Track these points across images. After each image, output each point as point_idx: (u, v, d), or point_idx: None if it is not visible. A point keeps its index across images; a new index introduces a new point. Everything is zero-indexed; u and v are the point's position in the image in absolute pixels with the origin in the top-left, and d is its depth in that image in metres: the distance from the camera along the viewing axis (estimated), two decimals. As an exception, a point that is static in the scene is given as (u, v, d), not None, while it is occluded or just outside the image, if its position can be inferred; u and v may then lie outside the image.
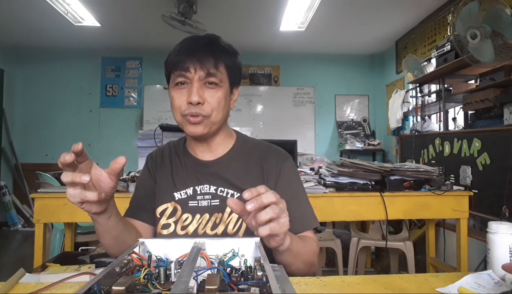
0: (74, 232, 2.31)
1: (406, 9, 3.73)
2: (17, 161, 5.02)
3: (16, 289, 0.67)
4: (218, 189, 0.90)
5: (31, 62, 5.16)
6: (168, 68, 0.88)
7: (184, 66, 0.83)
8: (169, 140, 2.09)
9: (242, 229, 0.87)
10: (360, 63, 5.41)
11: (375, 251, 3.22)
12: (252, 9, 3.77)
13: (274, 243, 0.67)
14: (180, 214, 0.90)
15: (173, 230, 0.89)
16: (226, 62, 0.86)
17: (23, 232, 4.67)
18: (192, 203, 0.90)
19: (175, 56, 0.85)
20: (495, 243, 0.75)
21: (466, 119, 2.96)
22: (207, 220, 0.89)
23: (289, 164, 0.94)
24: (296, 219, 0.86)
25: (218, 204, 0.89)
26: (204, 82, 0.84)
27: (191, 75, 0.83)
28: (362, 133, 5.25)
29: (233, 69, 0.89)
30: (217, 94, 0.85)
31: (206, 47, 0.85)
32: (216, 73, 0.84)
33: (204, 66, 0.82)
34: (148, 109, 5.17)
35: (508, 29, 2.18)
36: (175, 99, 0.86)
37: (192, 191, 0.91)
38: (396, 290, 0.67)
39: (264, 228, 0.62)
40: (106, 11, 3.83)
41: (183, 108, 0.84)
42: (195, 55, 0.83)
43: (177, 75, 0.84)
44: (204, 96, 0.83)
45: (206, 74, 0.83)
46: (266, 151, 0.96)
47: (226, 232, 0.87)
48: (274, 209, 0.62)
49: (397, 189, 1.87)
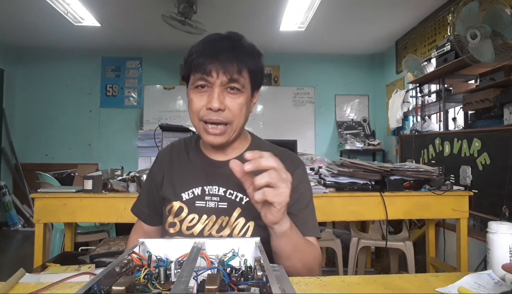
0: (74, 232, 2.31)
1: (406, 9, 3.73)
2: (17, 161, 5.02)
3: (16, 289, 0.67)
4: (227, 192, 0.88)
5: (31, 62, 5.16)
6: (188, 68, 0.83)
7: (207, 70, 0.78)
8: (169, 140, 2.10)
9: (248, 234, 0.85)
10: (360, 63, 5.41)
11: (375, 251, 3.22)
12: (252, 9, 3.77)
13: (270, 216, 0.65)
14: (186, 215, 0.89)
15: (179, 229, 0.88)
16: (249, 66, 0.82)
17: (23, 232, 4.67)
18: (199, 203, 0.89)
19: (197, 57, 0.79)
20: (495, 243, 0.75)
21: (466, 119, 2.96)
22: (213, 222, 0.87)
23: (301, 171, 0.92)
24: (299, 222, 0.84)
25: (226, 207, 0.87)
26: (225, 87, 0.80)
27: (213, 80, 0.79)
28: (362, 133, 5.25)
29: (256, 72, 0.85)
30: (238, 100, 0.81)
31: (230, 50, 0.80)
32: (239, 78, 0.80)
33: (227, 71, 0.78)
34: (148, 109, 5.17)
35: (508, 29, 2.18)
36: (194, 103, 0.82)
37: (200, 191, 0.89)
38: (396, 290, 0.67)
39: (258, 193, 0.60)
40: (106, 11, 3.83)
41: (202, 113, 0.81)
42: (218, 59, 0.78)
43: (198, 78, 0.80)
44: (225, 102, 0.80)
45: (228, 80, 0.79)
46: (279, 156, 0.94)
47: (232, 236, 0.85)
48: (271, 174, 0.60)
49: (397, 189, 1.87)
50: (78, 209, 1.75)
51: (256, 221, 0.85)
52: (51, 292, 0.64)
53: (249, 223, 0.85)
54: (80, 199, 1.75)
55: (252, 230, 0.85)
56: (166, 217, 0.91)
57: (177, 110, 5.19)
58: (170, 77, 5.22)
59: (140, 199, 1.02)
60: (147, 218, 0.99)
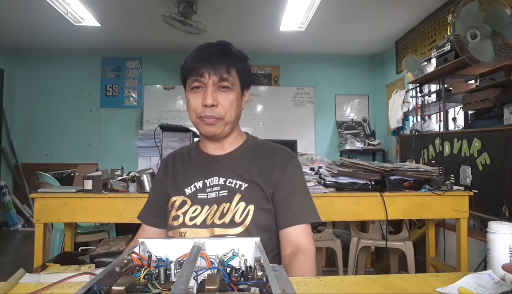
0: (74, 232, 2.31)
1: (406, 9, 3.73)
2: (17, 161, 5.02)
3: (16, 289, 0.67)
4: (227, 181, 0.95)
5: (31, 62, 5.16)
6: (184, 73, 0.96)
7: (199, 72, 0.91)
8: (169, 140, 2.10)
9: (248, 218, 0.90)
10: (360, 63, 5.41)
11: (375, 251, 3.22)
12: (252, 9, 3.77)
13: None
14: (189, 207, 0.94)
15: (182, 221, 0.93)
16: (237, 67, 0.94)
17: (23, 232, 4.67)
18: (201, 195, 0.95)
19: (191, 63, 0.92)
20: (495, 243, 0.75)
21: (466, 119, 2.95)
22: (215, 211, 0.92)
23: (295, 161, 1.00)
24: (297, 211, 0.92)
25: (226, 194, 0.93)
26: (217, 86, 0.92)
27: (206, 80, 0.91)
28: (362, 133, 5.25)
29: (243, 73, 0.97)
30: (229, 97, 0.93)
31: (219, 54, 0.92)
32: (228, 77, 0.92)
33: (217, 72, 0.90)
34: (148, 109, 5.17)
35: (508, 29, 2.18)
36: (191, 102, 0.94)
37: (201, 184, 0.96)
38: (396, 290, 0.67)
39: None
40: (106, 11, 3.83)
41: (199, 110, 0.92)
42: (209, 62, 0.90)
43: (193, 80, 0.92)
44: (217, 99, 0.91)
45: (219, 79, 0.91)
46: (274, 149, 1.02)
47: (234, 220, 0.90)
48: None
49: (397, 189, 1.87)
50: (78, 209, 1.75)
51: (256, 204, 0.92)
52: (51, 292, 0.64)
53: (249, 206, 0.91)
54: (80, 199, 1.75)
55: (252, 213, 0.91)
56: (169, 212, 0.97)
57: (177, 110, 5.19)
58: (170, 77, 5.22)
59: (147, 206, 1.07)
60: (155, 222, 1.03)
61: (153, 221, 1.03)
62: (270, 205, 0.94)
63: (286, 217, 0.92)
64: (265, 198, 0.93)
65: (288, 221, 0.92)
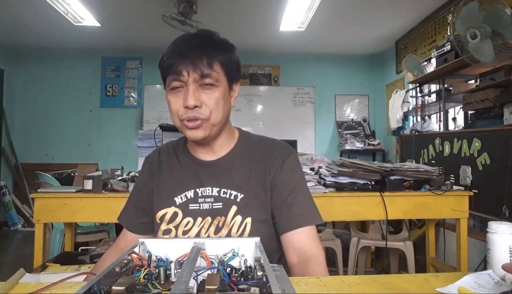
0: (74, 232, 2.31)
1: (406, 9, 3.73)
2: (17, 161, 5.02)
3: (16, 289, 0.67)
4: (221, 191, 0.87)
5: (31, 62, 5.16)
6: (162, 71, 0.84)
7: (177, 70, 0.79)
8: (169, 140, 2.10)
9: (246, 233, 0.83)
10: (360, 63, 5.41)
11: (375, 251, 3.22)
12: (252, 9, 3.77)
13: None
14: (181, 219, 0.87)
15: (175, 235, 0.86)
16: (221, 60, 0.82)
17: (23, 232, 4.66)
18: (193, 206, 0.87)
19: (167, 59, 0.81)
20: (495, 243, 0.75)
21: (466, 119, 2.96)
22: (209, 224, 0.85)
23: (292, 158, 0.91)
24: (299, 212, 0.84)
25: (221, 207, 0.85)
26: (199, 84, 0.80)
27: (185, 79, 0.79)
28: (362, 133, 5.25)
29: (229, 65, 0.84)
30: (214, 94, 0.81)
31: (198, 47, 0.80)
32: (211, 73, 0.80)
33: (197, 68, 0.78)
34: (148, 109, 5.17)
35: (508, 29, 2.18)
36: (172, 104, 0.83)
37: (193, 193, 0.88)
38: (396, 290, 0.67)
39: None
40: (106, 11, 3.83)
41: (180, 112, 0.81)
42: (187, 57, 0.79)
43: (172, 79, 0.81)
44: (201, 99, 0.80)
45: (200, 76, 0.79)
46: (269, 146, 0.93)
47: (230, 235, 0.83)
48: None
49: (397, 189, 1.87)
50: (78, 209, 1.75)
51: (253, 216, 0.84)
52: (51, 292, 0.64)
53: (247, 219, 0.84)
54: (80, 199, 1.75)
55: (250, 227, 0.83)
56: (158, 225, 0.88)
57: (177, 110, 5.19)
58: (170, 77, 5.22)
59: (127, 208, 0.98)
60: (136, 227, 0.95)
61: (136, 228, 0.94)
62: (268, 215, 0.86)
63: (288, 220, 0.84)
64: (263, 208, 0.86)
65: (291, 224, 0.84)
